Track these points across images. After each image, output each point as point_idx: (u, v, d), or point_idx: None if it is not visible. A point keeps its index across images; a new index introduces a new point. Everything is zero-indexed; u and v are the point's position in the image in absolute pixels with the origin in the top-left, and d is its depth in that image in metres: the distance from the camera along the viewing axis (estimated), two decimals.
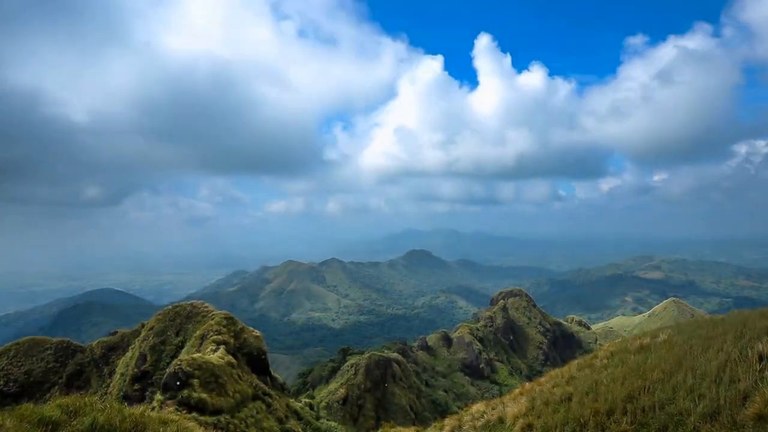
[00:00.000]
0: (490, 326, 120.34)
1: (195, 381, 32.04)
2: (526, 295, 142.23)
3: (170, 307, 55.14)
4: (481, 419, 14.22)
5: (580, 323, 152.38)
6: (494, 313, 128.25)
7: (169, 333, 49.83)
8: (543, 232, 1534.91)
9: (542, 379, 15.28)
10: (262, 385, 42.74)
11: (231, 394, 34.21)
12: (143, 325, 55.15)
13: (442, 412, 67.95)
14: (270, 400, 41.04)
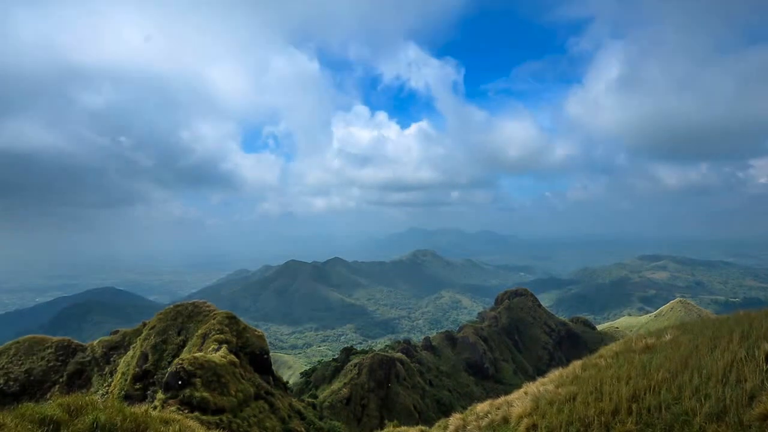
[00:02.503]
0: (494, 326, 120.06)
1: (197, 380, 32.06)
2: (532, 294, 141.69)
3: (172, 306, 55.28)
4: (486, 419, 14.13)
5: (585, 323, 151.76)
6: (499, 312, 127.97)
7: (170, 332, 49.90)
8: (548, 231, 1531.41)
9: (547, 379, 15.15)
10: (265, 384, 42.75)
11: (233, 393, 34.21)
12: (145, 324, 55.26)
13: (446, 411, 67.83)
14: (273, 400, 41.05)
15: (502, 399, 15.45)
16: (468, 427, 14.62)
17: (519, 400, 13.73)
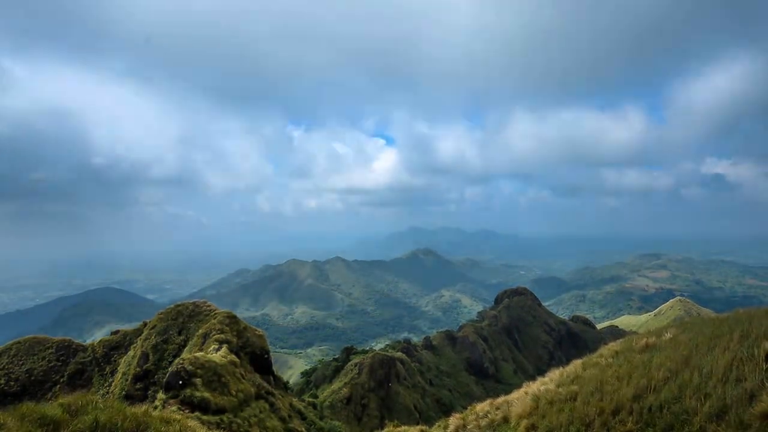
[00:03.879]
0: (494, 325, 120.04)
1: (197, 380, 32.02)
2: (531, 293, 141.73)
3: (173, 305, 55.10)
4: (486, 418, 14.13)
5: (585, 322, 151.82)
6: (499, 311, 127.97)
7: (171, 332, 49.84)
8: (549, 231, 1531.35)
9: (547, 378, 15.16)
10: (265, 384, 42.73)
11: (234, 393, 34.17)
12: (145, 324, 55.12)
13: (446, 411, 67.92)
14: (273, 400, 41.02)
15: (502, 399, 15.45)
16: (468, 427, 14.63)
17: (519, 400, 13.73)
